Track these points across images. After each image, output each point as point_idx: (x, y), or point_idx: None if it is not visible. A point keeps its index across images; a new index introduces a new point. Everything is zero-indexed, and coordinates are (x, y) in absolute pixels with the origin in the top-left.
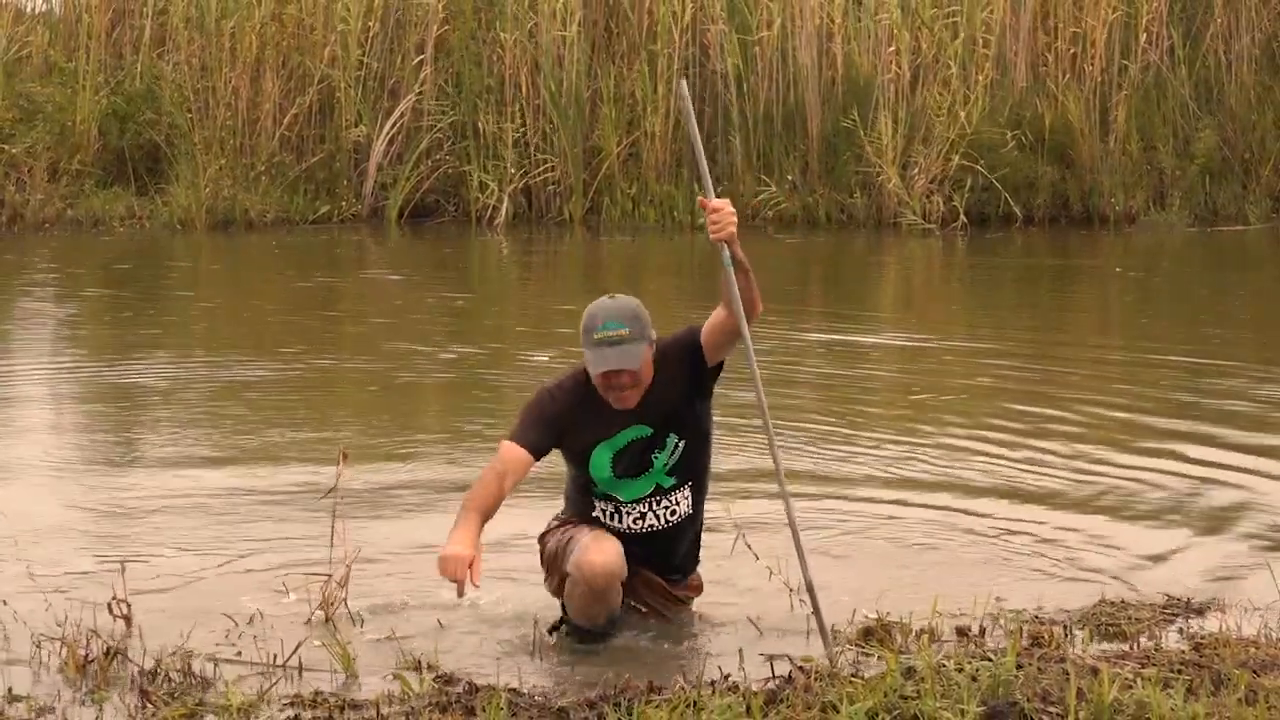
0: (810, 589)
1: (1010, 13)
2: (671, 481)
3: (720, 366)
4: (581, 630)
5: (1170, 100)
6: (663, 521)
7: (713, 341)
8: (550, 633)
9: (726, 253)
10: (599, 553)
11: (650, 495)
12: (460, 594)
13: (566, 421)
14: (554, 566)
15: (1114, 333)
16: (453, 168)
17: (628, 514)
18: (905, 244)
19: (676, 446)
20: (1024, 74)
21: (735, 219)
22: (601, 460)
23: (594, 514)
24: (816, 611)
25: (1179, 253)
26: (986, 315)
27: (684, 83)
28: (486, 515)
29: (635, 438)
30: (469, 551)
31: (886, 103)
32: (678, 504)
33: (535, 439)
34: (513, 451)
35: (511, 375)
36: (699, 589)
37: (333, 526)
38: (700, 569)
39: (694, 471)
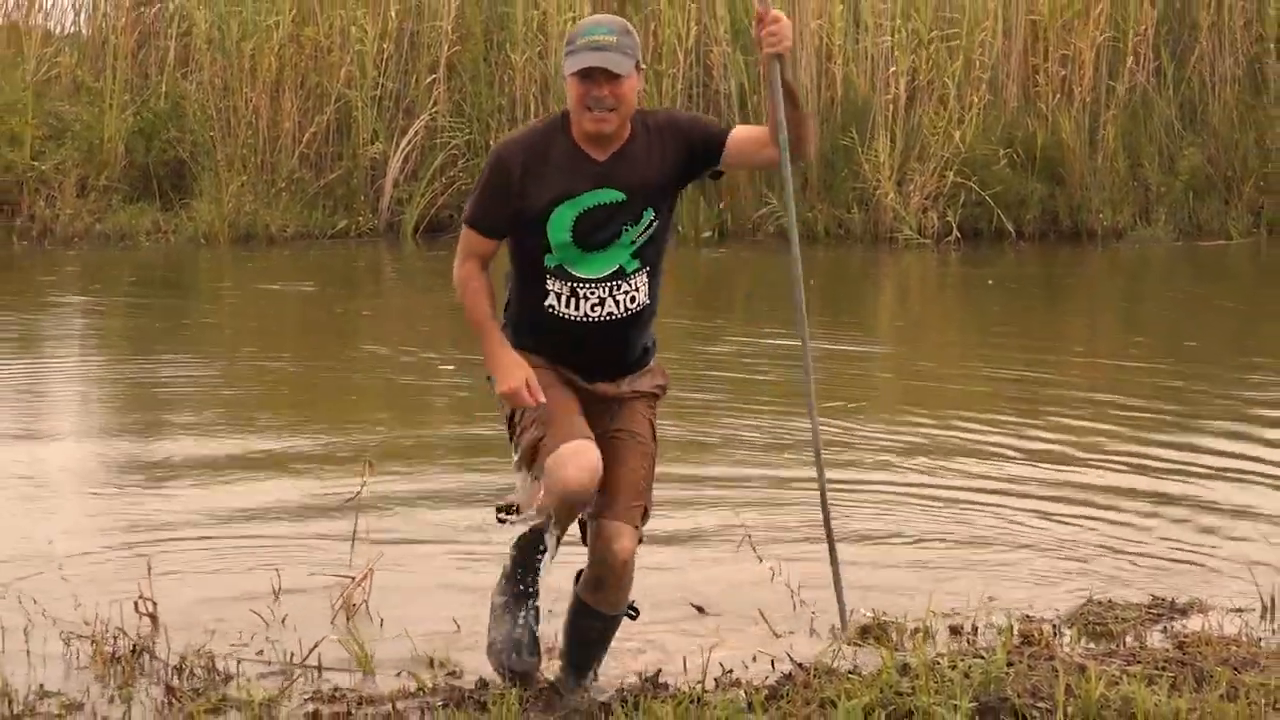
0: (834, 561)
1: (1003, 36)
2: (635, 265)
3: (718, 173)
4: (533, 538)
5: (1156, 120)
6: (622, 309)
7: (740, 149)
8: (498, 513)
9: (777, 70)
10: (578, 469)
11: (610, 278)
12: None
13: (521, 178)
14: (527, 454)
15: (1102, 341)
16: (466, 184)
17: (585, 299)
18: (901, 258)
19: (651, 224)
20: (1015, 95)
21: (790, 34)
22: (563, 220)
23: (546, 303)
24: (837, 585)
25: (1164, 266)
26: (979, 324)
27: None
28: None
29: (604, 201)
30: (520, 378)
31: (884, 122)
32: (637, 289)
33: (490, 219)
34: (474, 240)
35: None
36: (665, 376)
37: (355, 533)
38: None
39: (655, 257)
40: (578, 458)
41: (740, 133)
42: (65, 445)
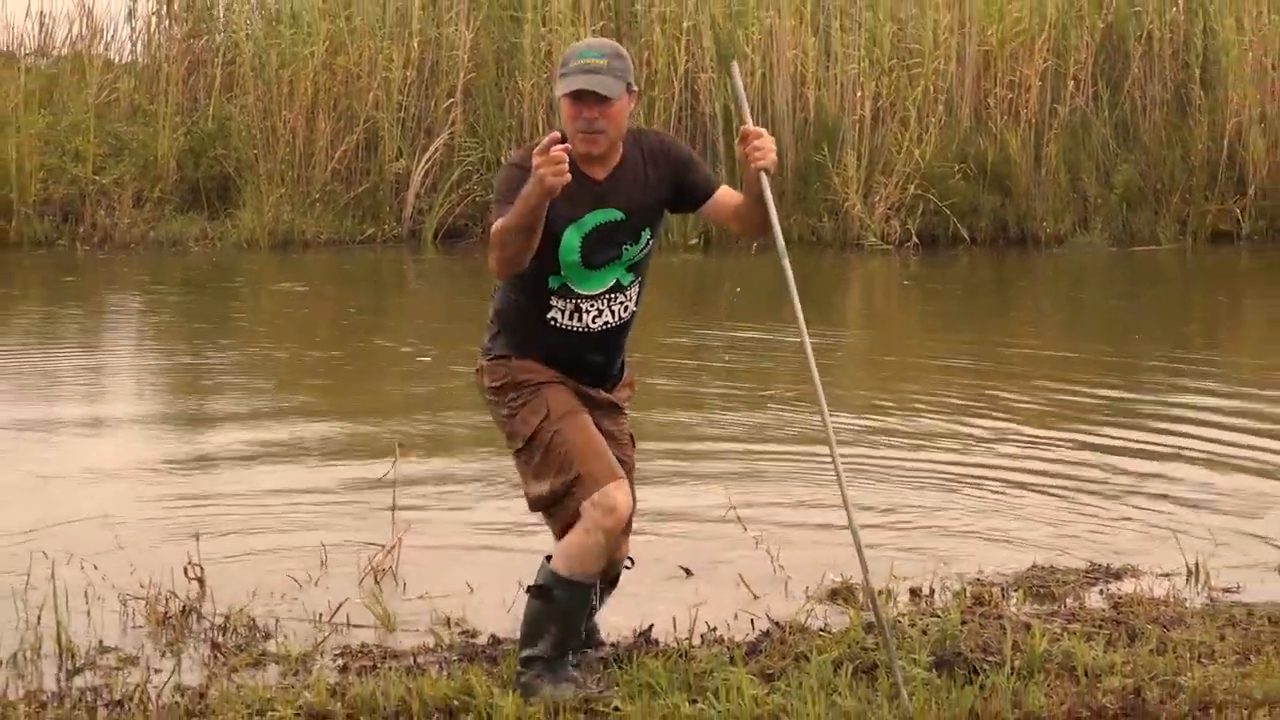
0: (855, 535)
1: (957, 64)
2: (630, 278)
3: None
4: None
5: (1093, 138)
6: (617, 318)
7: (716, 211)
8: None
9: (765, 182)
10: (625, 501)
11: (609, 291)
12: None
13: None
14: (549, 472)
15: (1045, 334)
16: (479, 196)
17: (586, 312)
18: (867, 261)
19: (648, 243)
20: (969, 116)
21: (774, 147)
22: (570, 243)
23: (549, 316)
24: (859, 549)
25: (1101, 269)
26: (936, 319)
27: (734, 63)
28: None
29: (605, 221)
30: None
31: (852, 140)
32: (630, 299)
33: None
34: None
35: None
36: (634, 386)
37: (394, 511)
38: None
39: (645, 270)
40: (622, 493)
41: (722, 196)
42: (122, 424)
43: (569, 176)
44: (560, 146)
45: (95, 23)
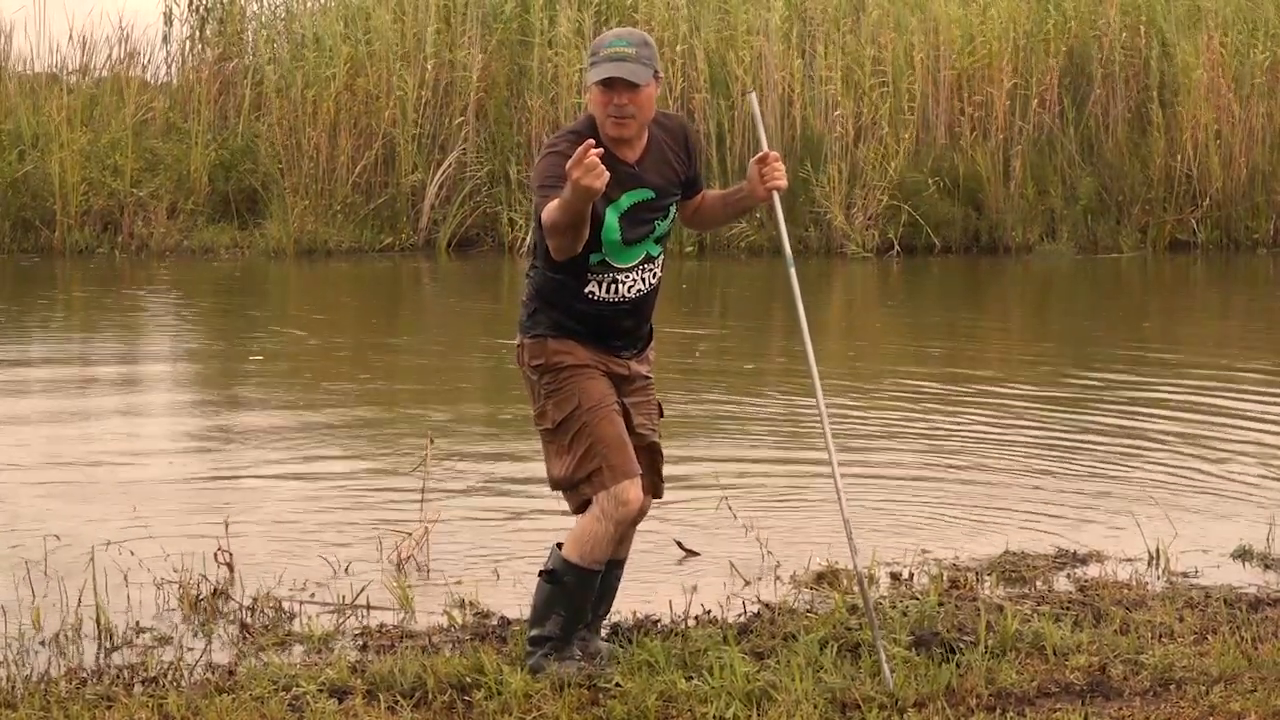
0: (845, 522)
1: (931, 83)
2: (658, 250)
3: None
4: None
5: (1059, 154)
6: (648, 285)
7: (683, 206)
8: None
9: (777, 200)
10: (638, 496)
11: (641, 263)
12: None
13: None
14: (574, 458)
15: (1014, 336)
16: (489, 208)
17: (622, 283)
18: (849, 268)
19: (672, 217)
20: (942, 133)
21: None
22: (611, 222)
23: (587, 290)
24: (849, 538)
25: (1066, 275)
26: (912, 321)
27: (753, 95)
28: None
29: (639, 200)
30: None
31: (834, 156)
32: (658, 268)
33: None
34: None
35: None
36: (654, 352)
37: (424, 496)
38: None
39: (668, 240)
40: (636, 489)
41: (696, 199)
42: (157, 415)
43: (607, 177)
44: (595, 151)
45: (133, 46)
